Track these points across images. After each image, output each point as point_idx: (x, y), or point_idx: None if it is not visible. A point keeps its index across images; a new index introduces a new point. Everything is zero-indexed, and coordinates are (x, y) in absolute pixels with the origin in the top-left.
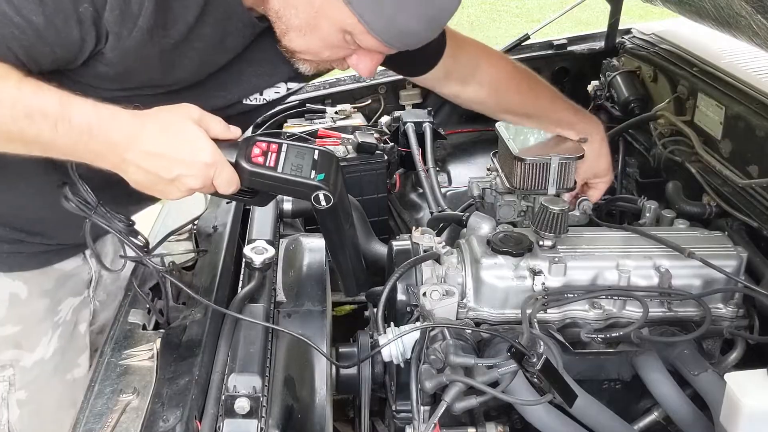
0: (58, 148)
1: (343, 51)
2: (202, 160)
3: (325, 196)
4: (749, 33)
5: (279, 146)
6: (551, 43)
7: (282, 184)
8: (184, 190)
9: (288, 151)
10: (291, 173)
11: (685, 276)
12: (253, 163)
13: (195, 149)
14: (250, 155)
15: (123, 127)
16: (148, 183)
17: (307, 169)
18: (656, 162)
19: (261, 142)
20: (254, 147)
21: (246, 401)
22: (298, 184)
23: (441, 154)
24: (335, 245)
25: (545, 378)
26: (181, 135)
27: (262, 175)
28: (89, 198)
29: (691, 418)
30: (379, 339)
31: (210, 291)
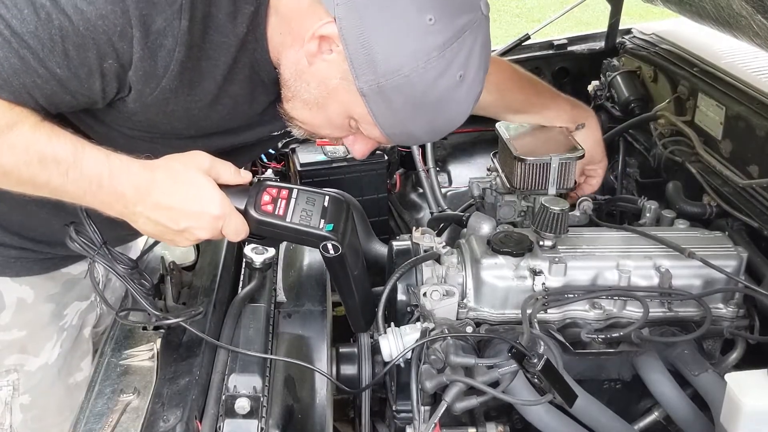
0: (67, 194)
1: (343, 132)
2: (211, 213)
3: (334, 246)
4: (750, 33)
5: (289, 192)
6: (551, 43)
7: (290, 233)
8: (193, 240)
9: (298, 198)
10: (299, 223)
11: (685, 276)
12: (262, 211)
13: (204, 202)
14: (260, 203)
15: (133, 179)
16: (156, 232)
17: (317, 218)
18: (656, 162)
19: (271, 188)
20: (264, 194)
21: (246, 401)
22: (307, 234)
23: (441, 154)
24: (342, 288)
25: (545, 378)
26: (190, 187)
27: (270, 224)
28: (95, 238)
29: (691, 418)
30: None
31: (210, 291)
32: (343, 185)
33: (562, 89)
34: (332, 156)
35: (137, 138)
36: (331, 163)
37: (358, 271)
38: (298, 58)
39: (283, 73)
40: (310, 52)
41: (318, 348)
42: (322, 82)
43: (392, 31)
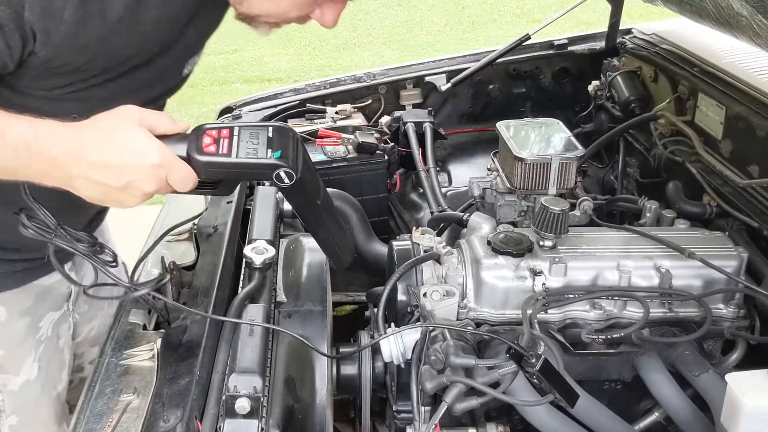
0: None
1: (310, 7)
2: (150, 162)
3: (287, 173)
4: (750, 33)
5: (230, 131)
6: (552, 43)
7: (239, 169)
8: (140, 195)
9: (240, 135)
10: (246, 157)
11: (685, 276)
12: (205, 153)
13: (140, 152)
14: (202, 146)
15: (62, 143)
16: (100, 195)
17: (263, 149)
18: (656, 162)
19: (211, 129)
20: (204, 136)
21: (246, 401)
22: (256, 166)
23: (441, 154)
24: (310, 222)
25: (545, 379)
26: (123, 140)
27: (217, 164)
28: (48, 221)
29: (691, 418)
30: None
31: (210, 291)
32: (343, 185)
33: (562, 89)
34: (332, 156)
35: (61, 99)
36: (331, 163)
37: (322, 200)
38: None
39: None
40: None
41: (318, 348)
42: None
43: None
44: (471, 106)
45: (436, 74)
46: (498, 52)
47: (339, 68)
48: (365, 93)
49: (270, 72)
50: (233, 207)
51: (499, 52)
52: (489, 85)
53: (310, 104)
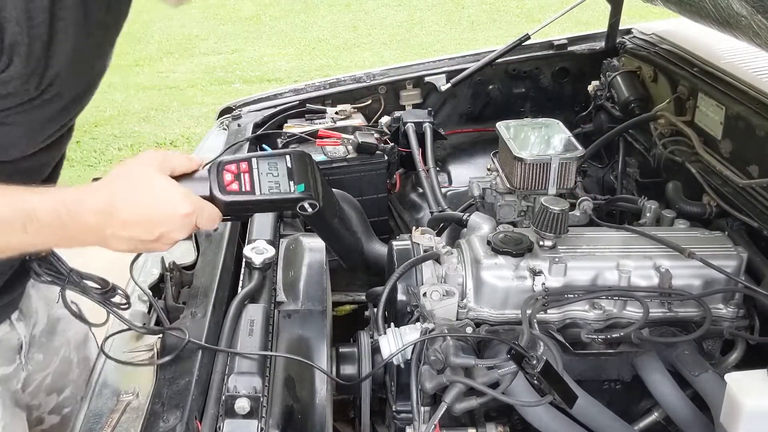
0: (34, 246)
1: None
2: (181, 213)
3: (311, 204)
4: (750, 33)
5: (249, 164)
6: (551, 43)
7: (264, 205)
8: (171, 243)
9: (260, 167)
10: (270, 193)
11: (685, 276)
12: (228, 192)
13: (170, 203)
14: (224, 184)
15: (91, 206)
16: (132, 247)
17: (285, 182)
18: (656, 162)
19: (230, 164)
20: (225, 173)
21: (246, 401)
22: (280, 201)
23: (441, 154)
24: (326, 236)
25: (545, 380)
26: (151, 192)
27: (241, 203)
28: (61, 267)
29: (691, 418)
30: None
31: (210, 291)
32: (343, 185)
33: (562, 89)
34: (332, 156)
35: None
36: (331, 163)
37: (338, 217)
38: None
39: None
40: None
41: (318, 348)
42: None
43: None
44: (471, 106)
45: (435, 74)
46: (498, 53)
47: (339, 68)
48: (365, 93)
49: (270, 72)
50: None
51: (498, 52)
52: (489, 85)
53: (310, 104)
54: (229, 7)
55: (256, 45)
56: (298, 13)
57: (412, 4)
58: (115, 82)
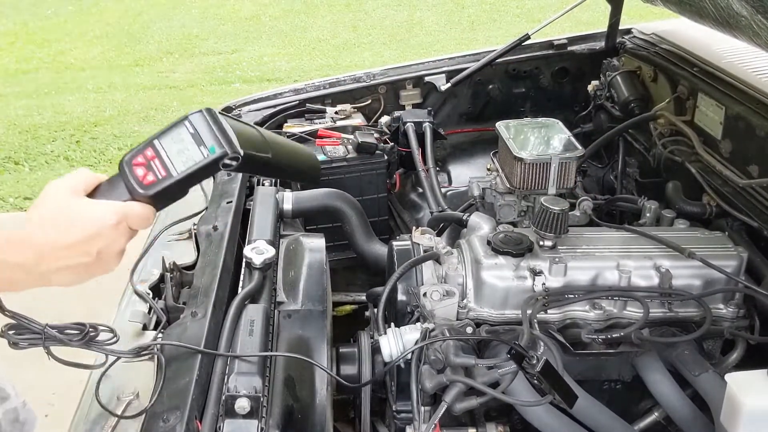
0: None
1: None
2: (109, 224)
3: (232, 158)
4: (750, 33)
5: (153, 148)
6: (551, 43)
7: (187, 181)
8: (115, 255)
9: (165, 147)
10: (186, 168)
11: (685, 276)
12: (147, 185)
13: (95, 219)
14: (140, 180)
15: (18, 247)
16: (78, 276)
17: (195, 150)
18: (656, 162)
19: (135, 158)
20: (135, 169)
21: (246, 401)
22: (201, 171)
23: (441, 154)
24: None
25: (545, 380)
26: (72, 216)
27: (164, 190)
28: (34, 327)
29: (691, 418)
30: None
31: (210, 291)
32: (343, 185)
33: (562, 89)
34: (332, 156)
35: None
36: (331, 163)
37: (272, 150)
38: None
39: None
40: None
41: (318, 348)
42: None
43: None
44: (471, 106)
45: (435, 74)
46: (498, 52)
47: (339, 68)
48: (365, 93)
49: (270, 72)
50: (233, 207)
51: (498, 52)
52: (489, 85)
53: (310, 104)
54: (228, 7)
55: (255, 45)
56: (298, 13)
57: (412, 4)
58: (116, 82)
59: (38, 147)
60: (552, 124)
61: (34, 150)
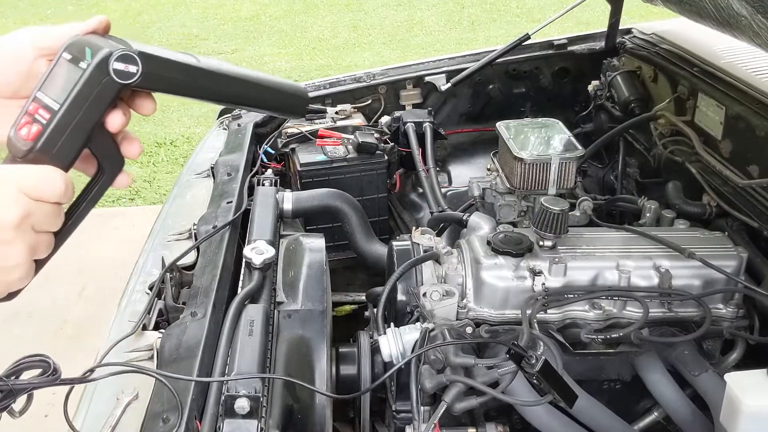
0: None
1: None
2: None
3: (124, 57)
4: (750, 33)
5: (35, 100)
6: (551, 43)
7: (73, 111)
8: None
9: (47, 92)
10: (66, 94)
11: (685, 276)
12: (29, 140)
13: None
14: (24, 138)
15: None
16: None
17: (74, 70)
18: (656, 162)
19: (17, 121)
20: (18, 132)
21: (246, 401)
22: (85, 91)
23: (441, 154)
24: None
25: (545, 379)
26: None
27: (51, 135)
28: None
29: (691, 418)
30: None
31: (210, 291)
32: (343, 185)
33: (562, 89)
34: (332, 156)
35: None
36: (331, 163)
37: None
38: None
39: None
40: None
41: (318, 348)
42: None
43: None
44: (471, 106)
45: (435, 74)
46: (498, 52)
47: (339, 68)
48: (365, 93)
49: (270, 72)
50: (233, 207)
51: (498, 52)
52: (489, 85)
53: (310, 104)
54: (228, 6)
55: (255, 45)
56: (298, 13)
57: (412, 4)
58: None
59: None
60: (552, 124)
61: None
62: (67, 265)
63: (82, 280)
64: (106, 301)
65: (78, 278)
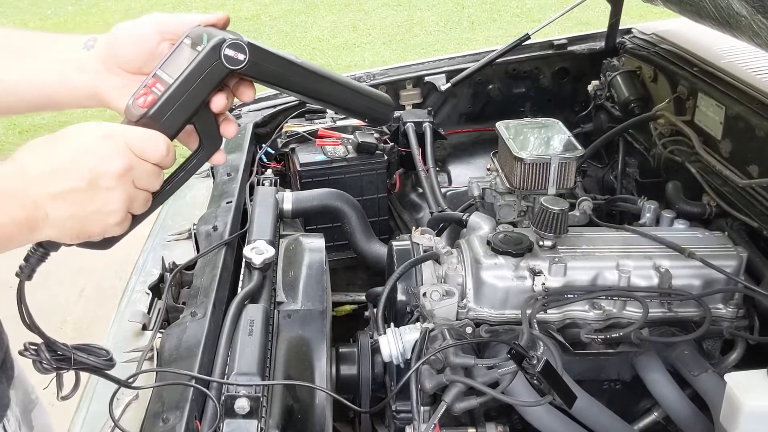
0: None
1: None
2: (96, 135)
3: (234, 45)
4: (749, 33)
5: (154, 76)
6: (551, 43)
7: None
8: (114, 183)
9: (167, 70)
10: (182, 71)
11: (685, 276)
12: (144, 107)
13: (81, 132)
14: (140, 105)
15: (6, 172)
16: (75, 212)
17: (191, 53)
18: (656, 162)
19: (136, 92)
20: (136, 100)
21: (246, 401)
22: (198, 70)
23: (441, 154)
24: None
25: (545, 380)
26: (61, 137)
27: (164, 104)
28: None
29: (691, 418)
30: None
31: (210, 291)
32: (343, 185)
33: (562, 89)
34: (332, 156)
35: None
36: (331, 163)
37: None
38: None
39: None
40: None
41: (318, 348)
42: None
43: None
44: (471, 106)
45: (435, 74)
46: (497, 52)
47: (339, 68)
48: None
49: None
50: (233, 207)
51: (498, 52)
52: (488, 85)
53: (310, 104)
54: (228, 6)
55: None
56: (298, 13)
57: (412, 4)
58: None
59: None
60: (552, 124)
61: None
62: (67, 265)
63: (82, 280)
64: (106, 301)
65: (78, 278)
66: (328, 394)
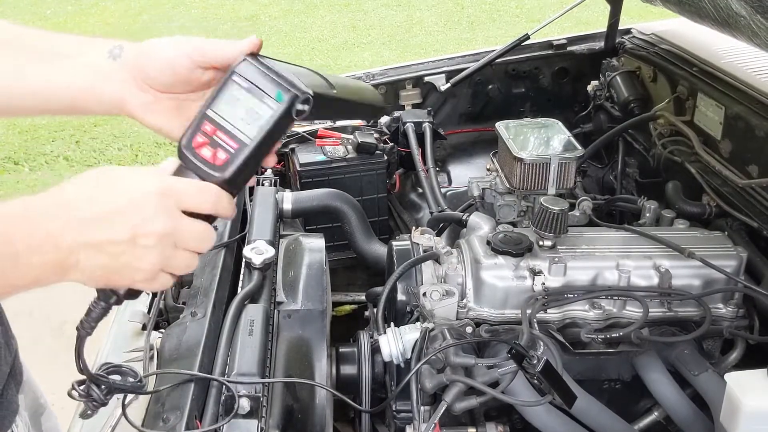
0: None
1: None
2: (148, 191)
3: (303, 101)
4: (749, 33)
5: (209, 120)
6: (551, 43)
7: (265, 144)
8: (154, 243)
9: (224, 114)
10: (260, 128)
11: (685, 276)
12: (220, 166)
13: (135, 186)
14: (210, 161)
15: (47, 210)
16: (109, 264)
17: (260, 105)
18: (656, 162)
19: (194, 138)
20: (199, 151)
21: (246, 401)
22: (276, 127)
23: (441, 154)
24: (337, 112)
25: (545, 379)
26: (111, 182)
27: (243, 165)
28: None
29: (691, 418)
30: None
31: (209, 291)
32: (343, 185)
33: (561, 89)
34: (332, 156)
35: None
36: (331, 163)
37: (334, 85)
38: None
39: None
40: None
41: (318, 348)
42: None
43: None
44: (470, 106)
45: (435, 74)
46: (497, 52)
47: (338, 68)
48: None
49: None
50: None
51: (498, 52)
52: (488, 85)
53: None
54: (228, 6)
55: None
56: (297, 13)
57: (412, 4)
58: None
59: (38, 147)
60: (552, 124)
61: (33, 150)
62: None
63: None
64: None
65: None
66: (329, 391)
